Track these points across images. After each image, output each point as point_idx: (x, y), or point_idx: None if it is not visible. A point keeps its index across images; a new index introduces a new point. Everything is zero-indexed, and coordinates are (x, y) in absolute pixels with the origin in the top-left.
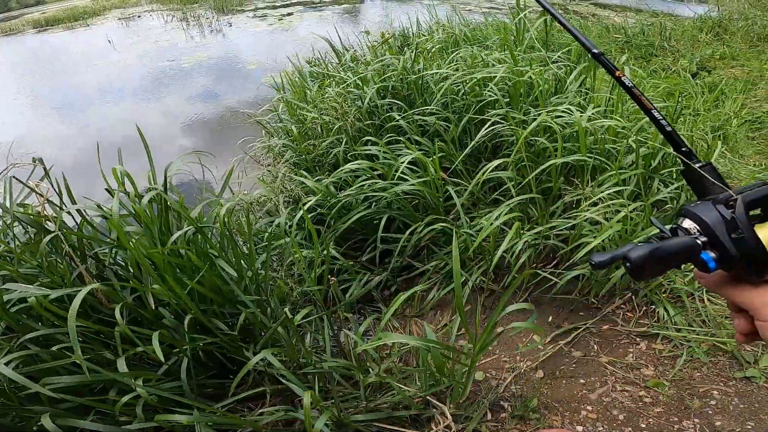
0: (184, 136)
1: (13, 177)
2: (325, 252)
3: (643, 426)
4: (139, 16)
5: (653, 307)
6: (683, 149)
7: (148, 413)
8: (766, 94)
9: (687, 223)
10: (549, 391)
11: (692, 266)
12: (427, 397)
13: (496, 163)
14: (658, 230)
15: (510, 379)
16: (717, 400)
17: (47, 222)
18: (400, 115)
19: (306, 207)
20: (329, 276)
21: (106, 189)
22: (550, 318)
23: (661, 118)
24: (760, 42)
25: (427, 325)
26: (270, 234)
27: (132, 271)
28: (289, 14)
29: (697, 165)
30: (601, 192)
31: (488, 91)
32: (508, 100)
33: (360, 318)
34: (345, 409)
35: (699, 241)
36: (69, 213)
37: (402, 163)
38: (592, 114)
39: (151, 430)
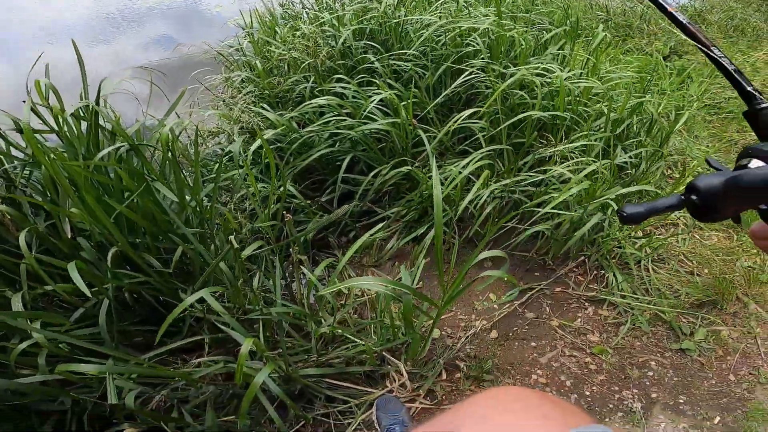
0: (133, 77)
1: None
2: (282, 188)
3: (588, 394)
4: None
5: (603, 272)
6: (748, 89)
7: (57, 365)
8: None
9: (755, 164)
10: (502, 352)
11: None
12: (383, 353)
13: (470, 111)
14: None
15: (465, 339)
16: (654, 371)
17: None
18: (375, 57)
19: (266, 137)
20: (284, 213)
21: (23, 101)
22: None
23: (722, 56)
24: (735, 33)
25: (404, 270)
26: (221, 163)
27: (49, 194)
28: None
29: (764, 105)
30: (571, 146)
31: (471, 41)
32: (488, 54)
33: (314, 268)
34: (294, 363)
35: None
36: None
37: (372, 101)
38: (571, 74)
39: (55, 383)
